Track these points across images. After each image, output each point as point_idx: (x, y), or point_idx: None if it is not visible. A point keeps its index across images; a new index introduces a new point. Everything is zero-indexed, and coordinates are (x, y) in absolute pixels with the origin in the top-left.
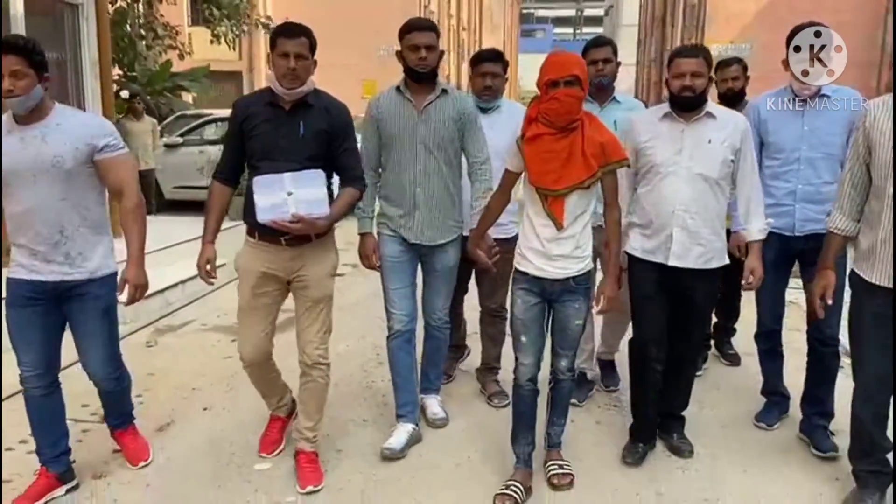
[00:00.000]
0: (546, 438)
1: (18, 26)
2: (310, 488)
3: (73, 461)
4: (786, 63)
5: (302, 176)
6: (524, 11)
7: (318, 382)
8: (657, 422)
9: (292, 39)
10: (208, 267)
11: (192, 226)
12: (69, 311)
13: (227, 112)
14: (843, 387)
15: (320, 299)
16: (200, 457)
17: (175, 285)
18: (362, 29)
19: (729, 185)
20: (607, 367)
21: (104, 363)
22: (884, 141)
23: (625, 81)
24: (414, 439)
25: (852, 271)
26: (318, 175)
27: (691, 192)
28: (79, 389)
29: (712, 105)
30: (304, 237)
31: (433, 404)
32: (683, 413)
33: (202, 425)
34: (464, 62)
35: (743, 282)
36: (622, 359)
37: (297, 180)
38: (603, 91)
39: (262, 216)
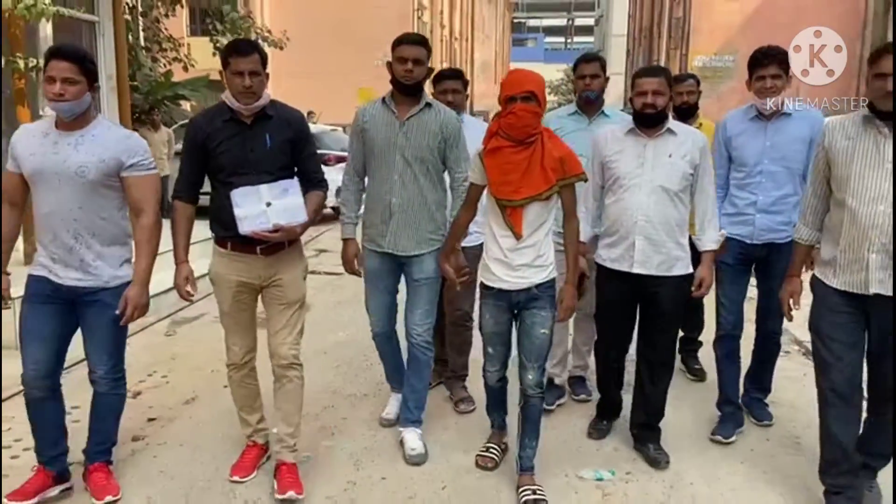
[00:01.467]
0: (518, 462)
1: (46, 45)
2: (290, 494)
3: (71, 463)
4: (749, 84)
5: (277, 186)
6: (516, 21)
7: (294, 382)
8: (621, 403)
9: (245, 57)
10: (188, 287)
11: (203, 228)
12: (81, 315)
13: None
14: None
15: (295, 301)
16: (226, 424)
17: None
18: (358, 38)
19: (688, 197)
20: (579, 381)
21: (107, 359)
22: (839, 158)
23: (614, 90)
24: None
25: (814, 276)
26: (293, 184)
27: (653, 203)
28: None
29: (673, 122)
30: (278, 245)
31: (412, 438)
32: (659, 425)
33: (224, 399)
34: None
35: (692, 289)
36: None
37: (274, 190)
38: (591, 105)
39: (244, 228)
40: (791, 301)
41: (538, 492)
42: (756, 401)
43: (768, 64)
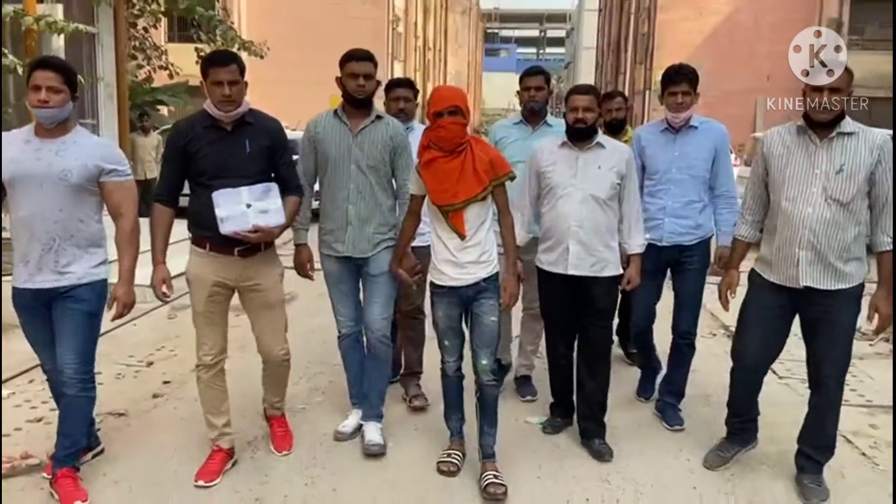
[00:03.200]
0: (479, 451)
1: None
2: (285, 452)
3: (99, 429)
4: (661, 98)
5: (258, 188)
6: (489, 31)
7: (280, 371)
8: (573, 405)
9: (224, 67)
10: (164, 287)
11: (180, 227)
12: (54, 313)
13: None
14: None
15: (277, 303)
16: (230, 385)
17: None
18: (333, 48)
19: (616, 205)
20: (525, 381)
21: (77, 358)
22: (775, 164)
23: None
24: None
25: (752, 270)
26: (273, 187)
27: (584, 211)
28: (130, 341)
29: (602, 136)
30: (255, 247)
31: (371, 430)
32: (604, 420)
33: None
34: (429, 81)
35: (620, 286)
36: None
37: (254, 192)
38: (535, 115)
39: (225, 228)
40: (728, 292)
41: (499, 477)
42: (670, 406)
43: (680, 81)
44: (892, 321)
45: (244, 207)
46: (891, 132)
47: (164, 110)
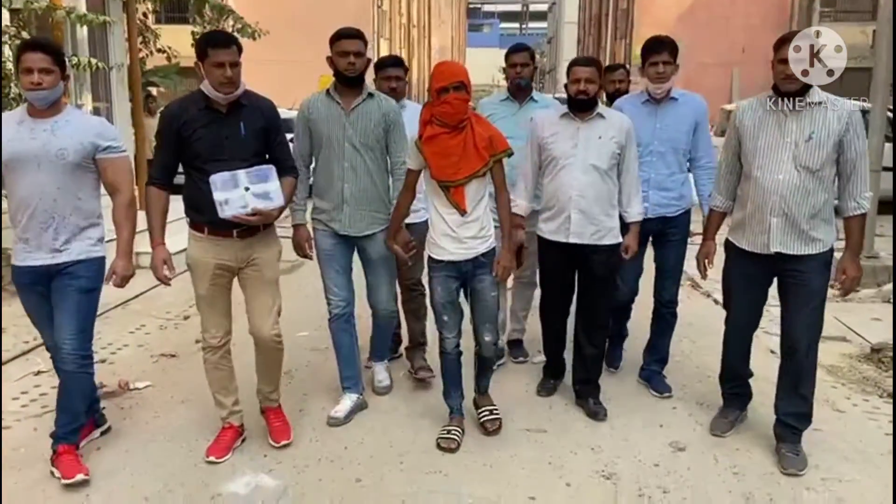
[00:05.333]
0: (475, 388)
1: (83, 47)
2: (283, 443)
3: (104, 407)
4: (641, 70)
5: (255, 171)
6: (472, 6)
7: (273, 355)
8: (564, 364)
9: (225, 49)
10: (165, 269)
11: (176, 204)
12: (52, 290)
13: None
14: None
15: (272, 279)
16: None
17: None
18: (319, 27)
19: (616, 175)
20: (516, 344)
21: (75, 336)
22: (748, 134)
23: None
24: (358, 406)
25: (727, 239)
26: (270, 170)
27: (585, 180)
28: (165, 301)
29: (602, 107)
30: (254, 228)
31: (380, 370)
32: (598, 381)
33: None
34: (413, 58)
35: (621, 252)
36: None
37: (252, 175)
38: (521, 91)
39: (224, 212)
40: (706, 262)
41: (494, 412)
42: (655, 373)
43: (661, 51)
44: (858, 283)
45: (243, 191)
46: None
47: (154, 92)
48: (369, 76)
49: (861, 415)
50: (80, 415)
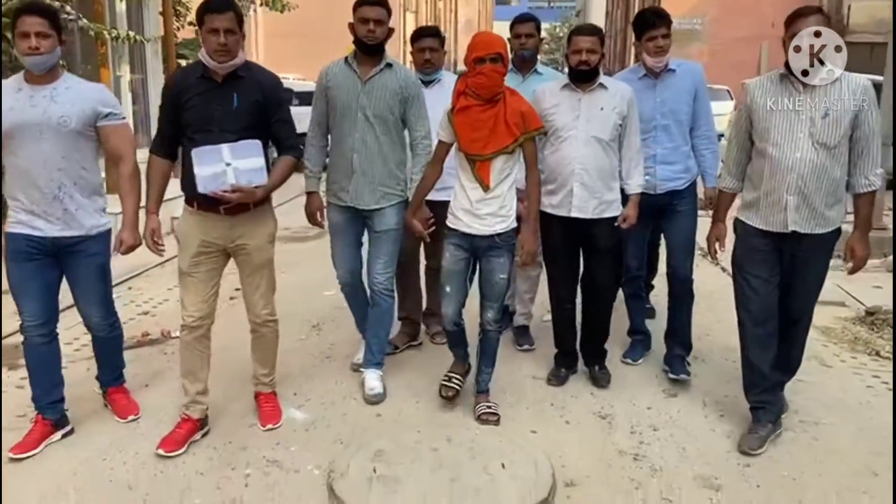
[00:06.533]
0: (476, 385)
1: (122, 21)
2: (269, 426)
3: (67, 409)
4: (637, 45)
5: (240, 146)
6: None
7: (267, 336)
8: (577, 352)
9: (221, 15)
10: (153, 237)
11: None
12: (66, 266)
13: None
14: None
15: (262, 265)
16: (298, 291)
17: None
18: (343, 3)
19: (617, 146)
20: (523, 331)
21: (99, 308)
22: (761, 113)
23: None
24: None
25: (737, 218)
26: (256, 145)
27: (587, 153)
28: None
29: (604, 77)
30: (243, 206)
31: (371, 378)
32: (605, 347)
33: (286, 280)
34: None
35: (616, 223)
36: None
37: (235, 151)
38: (525, 63)
39: (203, 187)
40: (717, 244)
41: (493, 407)
42: (677, 358)
43: (660, 24)
44: (866, 262)
45: (224, 166)
46: (870, 78)
47: (184, 64)
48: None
49: (847, 370)
50: (119, 364)
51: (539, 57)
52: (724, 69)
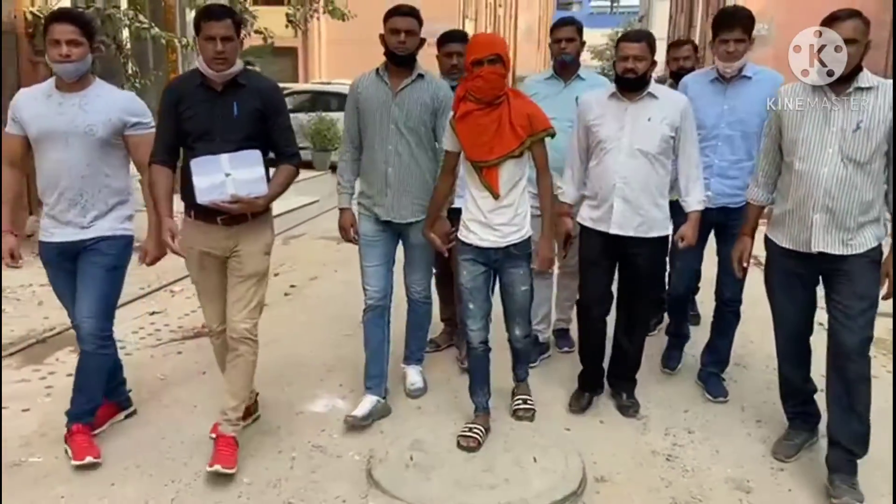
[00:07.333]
0: (513, 375)
1: (191, 29)
2: (217, 468)
3: (131, 390)
4: (712, 46)
5: (239, 156)
6: None
7: (244, 357)
8: (603, 372)
9: (218, 22)
10: (175, 239)
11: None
12: (78, 264)
13: (292, 85)
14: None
15: (252, 275)
16: (339, 293)
17: (291, 210)
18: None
19: (668, 160)
20: (562, 333)
21: (95, 314)
22: (789, 123)
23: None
24: (378, 412)
25: (766, 236)
26: (255, 155)
27: (631, 166)
28: None
29: (655, 86)
30: (241, 216)
31: (412, 373)
32: (635, 376)
33: (338, 278)
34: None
35: (675, 240)
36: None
37: (235, 161)
38: (566, 68)
39: (202, 197)
40: (742, 261)
41: (528, 401)
42: (712, 375)
43: (734, 27)
44: None
45: (223, 176)
46: None
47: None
48: (428, 54)
49: (892, 379)
50: (96, 395)
51: (600, 64)
52: (792, 77)
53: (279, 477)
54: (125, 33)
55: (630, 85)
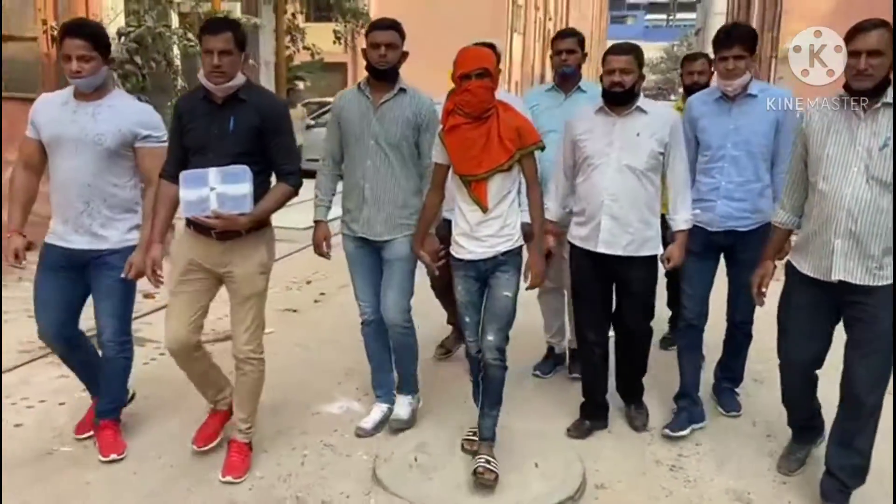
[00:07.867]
0: (478, 431)
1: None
2: (229, 478)
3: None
4: (713, 64)
5: (227, 171)
6: None
7: (248, 376)
8: (606, 405)
9: (216, 35)
10: (154, 268)
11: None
12: (91, 278)
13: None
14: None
15: (249, 296)
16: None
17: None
18: (450, 21)
19: (658, 177)
20: (573, 354)
21: (112, 321)
22: (814, 140)
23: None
24: (387, 418)
25: (787, 261)
26: (243, 171)
27: (619, 183)
28: (291, 270)
29: (644, 101)
30: (235, 232)
31: (400, 405)
32: (641, 383)
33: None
34: (548, 52)
35: (662, 262)
36: None
37: (221, 176)
38: (567, 80)
39: (186, 211)
40: (762, 285)
41: (492, 462)
42: (727, 390)
43: (731, 44)
44: None
45: (207, 191)
46: None
47: (301, 86)
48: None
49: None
50: (120, 395)
51: (655, 78)
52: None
53: (290, 472)
54: (175, 50)
55: (617, 99)
